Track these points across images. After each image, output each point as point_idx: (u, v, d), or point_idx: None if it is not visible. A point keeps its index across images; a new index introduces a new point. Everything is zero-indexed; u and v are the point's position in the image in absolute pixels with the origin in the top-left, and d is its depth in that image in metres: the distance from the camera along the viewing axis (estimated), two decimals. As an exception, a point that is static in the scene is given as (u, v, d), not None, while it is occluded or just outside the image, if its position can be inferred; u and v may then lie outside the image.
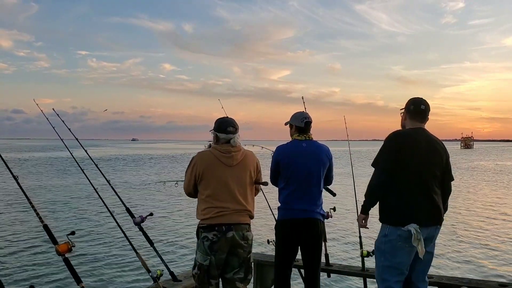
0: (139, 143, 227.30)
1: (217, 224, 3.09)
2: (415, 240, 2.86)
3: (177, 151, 76.00)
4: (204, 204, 3.15)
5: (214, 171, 3.15)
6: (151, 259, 5.04)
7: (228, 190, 3.15)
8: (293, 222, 3.47)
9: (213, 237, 3.08)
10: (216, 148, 3.19)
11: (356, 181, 4.84)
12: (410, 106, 3.14)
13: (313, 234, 3.49)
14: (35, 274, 7.55)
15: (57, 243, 2.90)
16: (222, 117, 3.33)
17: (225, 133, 3.18)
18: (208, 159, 3.17)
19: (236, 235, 3.12)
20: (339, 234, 10.78)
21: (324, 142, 3.71)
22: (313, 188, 3.48)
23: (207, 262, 3.09)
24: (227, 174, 3.16)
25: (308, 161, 3.46)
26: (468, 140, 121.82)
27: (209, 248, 3.08)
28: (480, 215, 13.99)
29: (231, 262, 3.18)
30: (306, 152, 3.47)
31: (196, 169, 3.16)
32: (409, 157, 2.96)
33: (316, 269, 3.61)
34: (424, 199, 2.98)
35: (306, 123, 3.53)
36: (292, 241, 3.51)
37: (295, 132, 3.57)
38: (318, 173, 3.48)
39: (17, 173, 3.28)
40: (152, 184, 23.16)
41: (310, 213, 3.47)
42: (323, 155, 3.51)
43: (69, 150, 4.64)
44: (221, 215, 3.10)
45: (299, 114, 3.60)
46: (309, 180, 3.46)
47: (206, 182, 3.15)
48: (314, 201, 3.50)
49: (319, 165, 3.49)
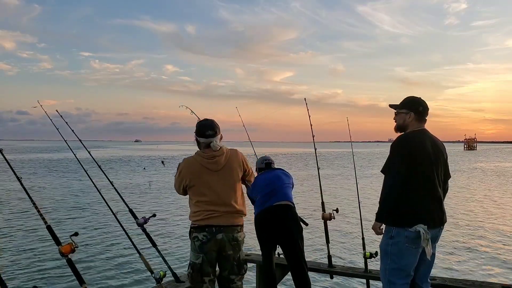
0: (142, 145, 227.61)
1: (207, 226, 3.16)
2: (424, 240, 2.83)
3: (179, 152, 76.12)
4: (195, 208, 3.23)
5: (201, 177, 3.20)
6: (154, 260, 5.05)
7: (217, 194, 3.20)
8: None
9: (203, 238, 3.17)
10: (199, 154, 3.25)
11: (358, 183, 4.84)
12: (418, 107, 3.09)
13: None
14: (38, 275, 7.57)
15: (61, 244, 2.91)
16: (202, 120, 3.34)
17: (204, 137, 3.21)
18: (193, 167, 3.22)
19: (225, 237, 3.19)
20: (341, 235, 10.77)
21: (327, 144, 3.78)
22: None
23: (199, 260, 3.18)
24: (214, 179, 3.20)
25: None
26: (471, 142, 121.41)
27: (199, 248, 3.17)
28: (483, 217, 13.92)
29: (224, 263, 3.28)
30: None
31: (183, 177, 3.24)
32: (419, 160, 2.93)
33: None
34: (430, 200, 2.97)
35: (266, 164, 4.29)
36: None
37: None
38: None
39: (21, 174, 3.30)
40: (155, 185, 23.20)
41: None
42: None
43: (72, 152, 4.66)
44: (211, 217, 3.17)
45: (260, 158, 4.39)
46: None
47: (195, 188, 3.22)
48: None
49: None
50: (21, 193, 10.03)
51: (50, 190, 20.69)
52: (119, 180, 25.18)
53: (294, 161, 49.22)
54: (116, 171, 33.30)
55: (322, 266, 4.61)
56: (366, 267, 4.31)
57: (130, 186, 22.69)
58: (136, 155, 68.53)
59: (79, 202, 16.66)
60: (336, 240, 10.00)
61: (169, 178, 26.65)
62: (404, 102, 3.15)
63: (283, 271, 4.51)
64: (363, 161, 51.74)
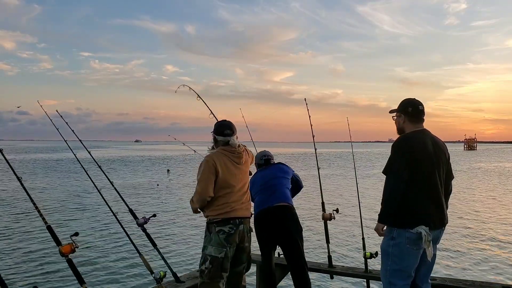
0: (142, 145, 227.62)
1: (232, 218, 3.30)
2: (425, 242, 2.81)
3: (180, 152, 76.12)
4: (219, 200, 3.31)
5: (229, 170, 3.34)
6: (154, 260, 5.06)
7: (239, 186, 3.38)
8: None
9: (229, 230, 3.27)
10: (224, 149, 3.40)
11: (359, 183, 4.84)
12: (407, 108, 3.06)
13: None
14: (38, 275, 7.58)
15: (61, 244, 2.91)
16: (221, 121, 3.57)
17: (222, 136, 3.42)
18: (222, 159, 3.35)
19: (245, 228, 3.37)
20: (342, 235, 10.77)
21: (327, 144, 3.80)
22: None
23: (222, 254, 3.24)
24: (238, 172, 3.40)
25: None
26: (471, 142, 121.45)
27: (226, 240, 3.25)
28: (483, 217, 13.93)
29: (241, 256, 3.40)
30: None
31: (215, 168, 3.30)
32: (420, 160, 2.91)
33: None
34: (432, 201, 2.95)
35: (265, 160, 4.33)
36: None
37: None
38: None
39: (21, 174, 3.31)
40: (155, 185, 23.21)
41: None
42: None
43: (72, 152, 4.66)
44: (235, 210, 3.31)
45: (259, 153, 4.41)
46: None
47: (223, 181, 3.31)
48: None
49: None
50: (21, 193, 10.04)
51: (50, 190, 20.70)
52: (118, 180, 25.15)
53: (294, 161, 49.24)
54: (116, 171, 33.30)
55: (322, 266, 4.61)
56: (366, 267, 4.32)
57: (130, 186, 22.69)
58: (138, 154, 68.54)
59: (79, 202, 16.67)
60: (336, 240, 10.01)
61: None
62: (399, 106, 3.15)
63: (283, 271, 4.51)
64: (363, 161, 51.75)
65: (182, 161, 50.74)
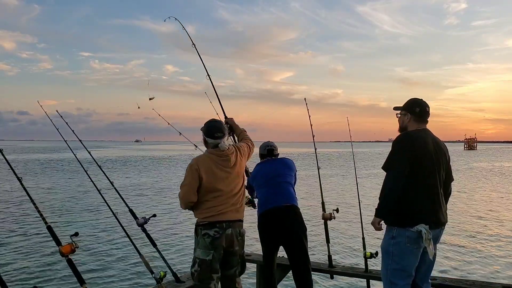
0: (143, 144, 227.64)
1: (218, 221, 3.24)
2: (426, 240, 2.81)
3: (177, 152, 76.10)
4: (206, 204, 3.27)
5: (215, 174, 3.26)
6: (154, 260, 5.04)
7: (228, 189, 3.30)
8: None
9: (214, 234, 3.22)
10: (211, 152, 3.34)
11: (359, 182, 4.84)
12: (415, 108, 3.09)
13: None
14: (38, 275, 7.58)
15: (61, 244, 2.91)
16: (211, 121, 3.44)
17: (213, 139, 3.33)
18: (207, 163, 3.28)
19: (233, 232, 3.29)
20: (342, 235, 10.77)
21: (327, 144, 3.79)
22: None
23: (209, 256, 3.20)
24: (225, 176, 3.31)
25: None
26: (471, 142, 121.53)
27: (211, 244, 3.20)
28: (484, 217, 13.93)
29: (231, 260, 3.34)
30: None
31: (198, 173, 3.24)
32: (420, 159, 2.92)
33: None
34: (431, 200, 2.96)
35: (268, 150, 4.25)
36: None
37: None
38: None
39: (21, 175, 3.30)
40: (155, 185, 23.20)
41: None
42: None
43: (72, 152, 4.66)
44: (222, 213, 3.25)
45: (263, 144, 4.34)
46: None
47: (208, 185, 3.24)
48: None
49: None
50: (22, 193, 10.05)
51: (51, 190, 20.70)
52: (118, 180, 25.15)
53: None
54: (116, 171, 33.29)
55: (323, 266, 4.61)
56: (367, 267, 4.31)
57: (130, 186, 22.70)
58: (139, 154, 68.53)
59: (79, 202, 16.67)
60: (336, 240, 10.01)
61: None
62: (405, 104, 3.17)
63: (284, 271, 4.51)
64: (363, 161, 51.74)
65: (183, 161, 50.69)
